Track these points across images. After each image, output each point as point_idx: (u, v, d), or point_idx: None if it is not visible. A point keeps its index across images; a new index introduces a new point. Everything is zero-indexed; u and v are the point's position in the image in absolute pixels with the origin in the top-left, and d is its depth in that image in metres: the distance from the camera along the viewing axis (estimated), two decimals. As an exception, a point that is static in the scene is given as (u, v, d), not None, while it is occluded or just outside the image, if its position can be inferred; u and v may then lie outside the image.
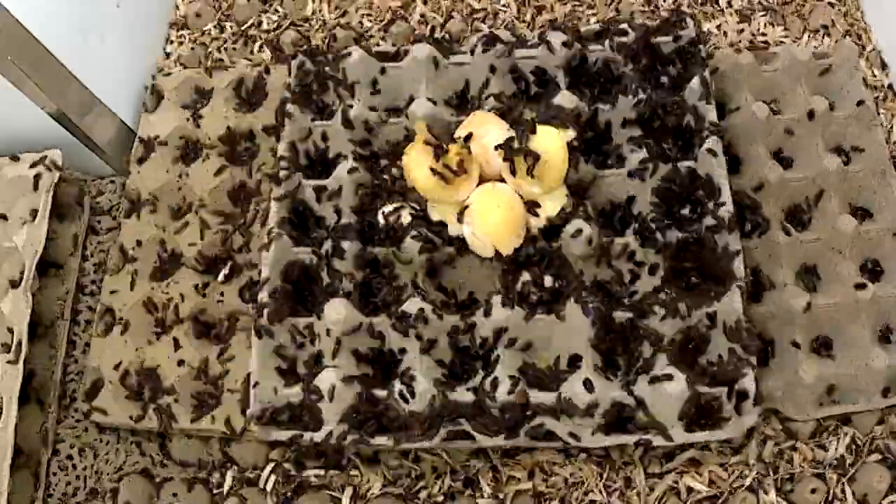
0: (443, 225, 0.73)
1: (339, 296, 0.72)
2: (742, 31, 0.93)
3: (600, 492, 0.71)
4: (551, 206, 0.73)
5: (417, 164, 0.70)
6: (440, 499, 0.71)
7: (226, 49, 0.96)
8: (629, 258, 0.73)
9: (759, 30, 0.93)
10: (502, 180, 0.73)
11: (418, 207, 0.74)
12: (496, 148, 0.71)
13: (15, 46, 0.70)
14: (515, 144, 0.70)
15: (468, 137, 0.72)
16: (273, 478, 0.73)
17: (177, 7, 1.00)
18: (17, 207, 0.79)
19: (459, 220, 0.72)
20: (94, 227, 0.85)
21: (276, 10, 0.98)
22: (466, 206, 0.72)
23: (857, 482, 0.70)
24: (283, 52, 0.94)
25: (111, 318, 0.78)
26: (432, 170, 0.69)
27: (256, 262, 0.77)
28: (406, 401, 0.68)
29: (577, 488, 0.71)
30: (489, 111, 0.77)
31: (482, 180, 0.73)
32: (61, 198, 0.82)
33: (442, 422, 0.68)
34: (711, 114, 0.76)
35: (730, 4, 0.95)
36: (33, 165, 0.80)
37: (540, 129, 0.71)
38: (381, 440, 0.68)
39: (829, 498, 0.70)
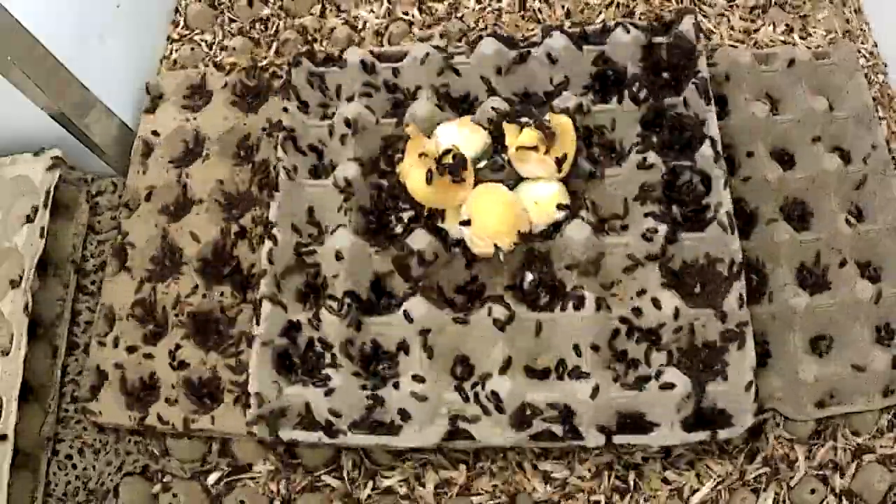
0: (442, 225, 0.73)
1: (339, 296, 0.72)
2: (742, 30, 0.93)
3: (601, 492, 0.71)
4: (551, 205, 0.73)
5: (413, 172, 0.71)
6: (439, 498, 0.71)
7: (226, 49, 0.96)
8: (629, 258, 0.73)
9: (759, 29, 0.93)
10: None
11: (418, 209, 0.74)
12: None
13: (15, 47, 0.71)
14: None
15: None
16: (273, 477, 0.73)
17: (177, 7, 1.00)
18: (17, 207, 0.79)
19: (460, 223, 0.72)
20: (94, 227, 0.85)
21: (276, 11, 0.98)
22: (465, 208, 0.72)
23: (857, 482, 0.70)
24: (283, 52, 0.94)
25: (111, 319, 0.78)
26: (430, 172, 0.69)
27: (256, 263, 0.77)
28: (406, 400, 0.68)
29: (578, 488, 0.71)
30: (492, 108, 0.77)
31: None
32: (61, 198, 0.82)
33: (443, 421, 0.68)
34: (711, 114, 0.75)
35: (731, 4, 0.95)
36: (33, 165, 0.80)
37: (552, 115, 0.73)
38: (382, 440, 0.68)
39: (829, 498, 0.70)
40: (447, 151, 0.71)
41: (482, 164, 0.75)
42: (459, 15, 0.95)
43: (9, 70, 0.71)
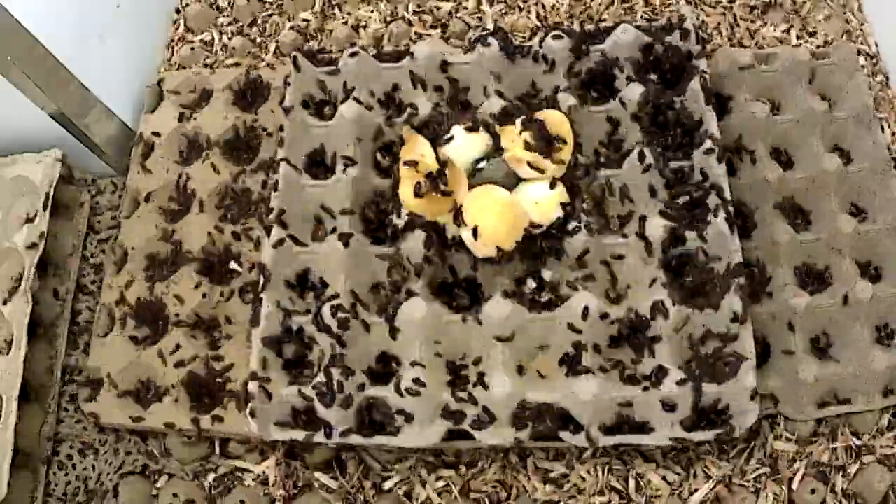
0: (441, 226, 0.73)
1: (339, 296, 0.72)
2: (742, 30, 0.93)
3: (601, 492, 0.71)
4: (551, 205, 0.73)
5: (404, 183, 0.71)
6: (439, 498, 0.71)
7: (226, 49, 0.96)
8: (629, 258, 0.73)
9: (759, 29, 0.93)
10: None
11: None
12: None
13: (15, 47, 0.71)
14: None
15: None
16: (273, 477, 0.73)
17: (177, 7, 1.00)
18: (16, 207, 0.79)
19: (456, 223, 0.72)
20: (94, 227, 0.85)
21: (276, 10, 0.98)
22: (465, 211, 0.72)
23: (857, 482, 0.70)
24: (283, 51, 0.94)
25: (111, 319, 0.78)
26: (416, 190, 0.70)
27: (257, 263, 0.77)
28: (406, 401, 0.68)
29: (578, 489, 0.71)
30: (492, 109, 0.77)
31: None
32: (61, 198, 0.82)
33: (443, 421, 0.68)
34: (711, 114, 0.75)
35: (730, 4, 0.95)
36: (33, 165, 0.80)
37: (546, 111, 0.73)
38: (383, 440, 0.68)
39: (829, 498, 0.70)
40: (430, 173, 0.71)
41: (482, 164, 0.74)
42: (460, 15, 0.95)
43: (9, 70, 0.71)
